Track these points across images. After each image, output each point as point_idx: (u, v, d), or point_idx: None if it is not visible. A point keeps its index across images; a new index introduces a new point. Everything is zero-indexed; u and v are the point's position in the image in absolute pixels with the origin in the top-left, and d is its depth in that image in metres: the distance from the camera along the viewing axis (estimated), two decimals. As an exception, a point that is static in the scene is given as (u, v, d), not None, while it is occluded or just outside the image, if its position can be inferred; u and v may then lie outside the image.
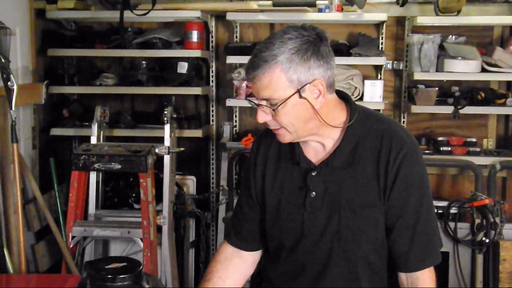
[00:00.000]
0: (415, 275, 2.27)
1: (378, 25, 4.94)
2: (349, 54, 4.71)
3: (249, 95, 2.03)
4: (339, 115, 2.28)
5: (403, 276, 2.30)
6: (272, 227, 2.40)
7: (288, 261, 2.38)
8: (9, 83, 3.82)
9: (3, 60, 3.79)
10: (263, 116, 2.20)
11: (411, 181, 2.24)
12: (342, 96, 2.33)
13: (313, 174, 2.28)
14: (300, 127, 2.21)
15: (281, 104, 2.14)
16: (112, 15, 4.94)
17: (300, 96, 2.14)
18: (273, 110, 2.16)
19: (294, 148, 2.33)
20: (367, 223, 2.25)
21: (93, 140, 4.50)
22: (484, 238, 4.37)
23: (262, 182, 2.40)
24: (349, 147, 2.26)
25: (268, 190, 2.38)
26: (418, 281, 2.27)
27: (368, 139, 2.26)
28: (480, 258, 4.44)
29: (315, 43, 2.13)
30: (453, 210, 4.49)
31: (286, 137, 2.24)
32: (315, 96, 2.17)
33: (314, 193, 2.28)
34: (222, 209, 4.89)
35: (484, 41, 4.93)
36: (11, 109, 3.86)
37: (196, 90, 4.93)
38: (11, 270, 3.82)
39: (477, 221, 4.40)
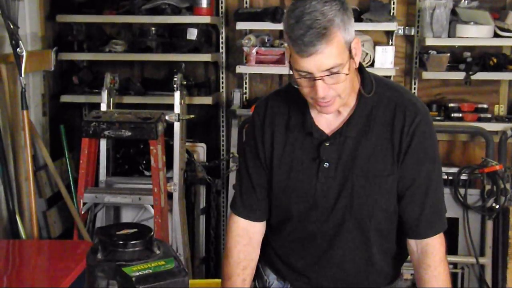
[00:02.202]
0: (425, 242, 2.27)
1: (389, -10, 4.90)
2: (360, 20, 4.68)
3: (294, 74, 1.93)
4: (356, 81, 2.25)
5: (412, 243, 2.30)
6: (280, 198, 2.36)
7: (296, 232, 2.35)
8: (18, 49, 3.82)
9: (12, 26, 3.79)
10: (325, 89, 2.09)
11: (424, 149, 2.23)
12: None
13: (327, 144, 2.24)
14: (349, 92, 2.17)
15: (344, 68, 2.07)
16: (121, -19, 4.92)
17: (351, 57, 2.10)
18: (335, 79, 2.07)
19: (305, 118, 2.28)
20: (381, 192, 2.24)
21: (103, 107, 4.49)
22: (494, 204, 4.37)
23: (271, 151, 2.34)
24: (363, 116, 2.23)
25: (277, 160, 2.32)
26: (428, 247, 2.27)
27: (381, 107, 2.24)
28: (489, 224, 4.45)
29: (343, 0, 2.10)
30: (464, 176, 4.49)
31: (335, 106, 2.17)
32: (355, 53, 2.13)
33: (327, 163, 2.24)
34: (232, 176, 4.90)
35: (497, 6, 4.87)
36: (21, 75, 3.87)
37: (206, 57, 4.91)
38: (23, 236, 3.85)
39: (487, 187, 4.40)
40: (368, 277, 2.37)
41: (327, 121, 2.27)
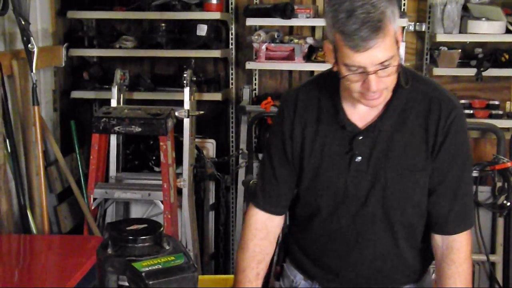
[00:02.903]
0: (452, 238, 2.26)
1: (400, -14, 4.88)
2: (370, 16, 4.66)
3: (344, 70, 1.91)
4: None
5: (438, 238, 2.29)
6: (309, 192, 2.33)
7: (324, 227, 2.33)
8: (29, 45, 3.83)
9: (23, 22, 3.80)
10: (378, 83, 2.05)
11: (458, 144, 2.21)
12: None
13: (360, 138, 2.21)
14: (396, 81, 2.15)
15: (395, 60, 2.05)
16: (131, -23, 4.93)
17: (397, 46, 2.08)
18: (387, 72, 2.05)
19: (337, 111, 2.24)
20: (414, 187, 2.22)
21: (113, 103, 4.50)
22: (505, 202, 4.35)
23: (301, 145, 2.30)
24: (398, 109, 2.20)
25: (307, 154, 2.28)
26: (455, 243, 2.26)
27: (416, 101, 2.22)
28: (500, 221, 4.43)
29: None
30: (475, 173, 4.46)
31: (382, 99, 2.14)
32: (399, 45, 2.11)
33: (359, 157, 2.21)
34: (241, 172, 4.90)
35: (509, 1, 4.83)
36: (32, 71, 3.88)
37: (216, 53, 4.91)
38: (34, 231, 3.87)
39: (499, 184, 4.37)
40: (397, 273, 2.35)
41: (360, 114, 2.23)
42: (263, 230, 2.43)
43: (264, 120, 4.90)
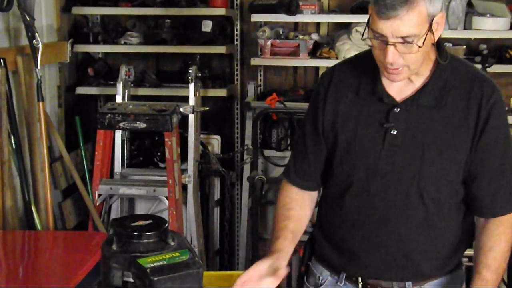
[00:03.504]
0: (499, 220, 2.26)
1: (405, -18, 4.86)
2: (375, 12, 4.66)
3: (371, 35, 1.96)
4: (432, 53, 2.22)
5: (484, 220, 2.29)
6: (342, 166, 2.31)
7: (354, 204, 2.31)
8: (34, 41, 3.83)
9: (27, 18, 3.80)
10: (395, 55, 2.07)
11: (500, 126, 2.23)
12: None
13: (396, 110, 2.22)
14: (420, 63, 2.16)
15: (420, 40, 2.05)
16: (136, -27, 4.92)
17: (430, 31, 2.08)
18: (407, 49, 2.07)
19: (376, 84, 2.25)
20: (451, 165, 2.21)
21: (118, 99, 4.50)
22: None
23: (334, 117, 2.30)
24: (437, 87, 2.21)
25: (341, 125, 2.29)
26: (501, 223, 2.26)
27: (457, 80, 2.23)
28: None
29: None
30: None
31: (403, 76, 2.16)
32: (435, 29, 2.11)
33: (395, 130, 2.21)
34: (246, 168, 4.90)
35: (514, -2, 4.85)
36: (37, 67, 3.89)
37: (221, 49, 4.91)
38: (39, 227, 3.87)
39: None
40: (425, 260, 2.30)
41: (398, 88, 2.24)
42: (297, 202, 2.43)
43: (269, 116, 4.91)
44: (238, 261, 5.09)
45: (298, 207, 2.43)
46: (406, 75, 2.16)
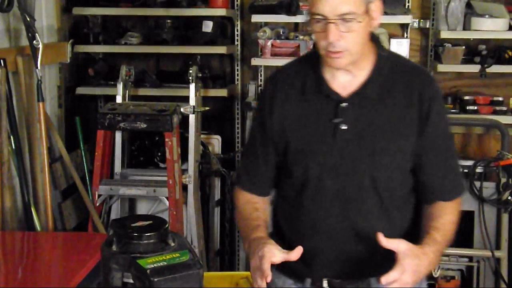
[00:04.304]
0: (445, 205, 2.32)
1: (405, -17, 4.88)
2: (375, 13, 4.67)
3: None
4: (371, 46, 2.31)
5: (430, 207, 2.33)
6: (296, 165, 2.34)
7: (312, 202, 2.33)
8: (34, 41, 3.83)
9: (28, 19, 3.80)
10: (336, 34, 2.14)
11: (441, 114, 2.31)
12: None
13: (344, 105, 2.27)
14: (361, 49, 2.22)
15: (357, 20, 2.13)
16: (136, -26, 4.93)
17: (368, 15, 2.17)
18: (347, 27, 2.14)
19: (321, 81, 2.30)
20: (400, 154, 2.27)
21: (119, 99, 4.50)
22: (509, 198, 4.36)
23: (282, 119, 2.34)
24: (380, 79, 2.28)
25: (291, 126, 2.33)
26: (447, 208, 2.31)
27: (398, 73, 2.31)
28: (505, 217, 4.43)
29: None
30: (479, 169, 4.47)
31: (345, 60, 2.21)
32: (373, 16, 2.20)
33: (345, 125, 2.25)
34: (247, 168, 4.89)
35: (513, -2, 4.86)
36: (37, 68, 3.88)
37: (221, 49, 4.92)
38: (38, 227, 3.87)
39: (503, 180, 4.38)
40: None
41: (342, 84, 2.30)
42: (253, 204, 2.44)
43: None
44: (238, 262, 5.09)
45: (261, 204, 2.46)
46: (347, 60, 2.21)
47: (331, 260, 2.34)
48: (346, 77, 2.29)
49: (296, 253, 2.14)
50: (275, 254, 2.12)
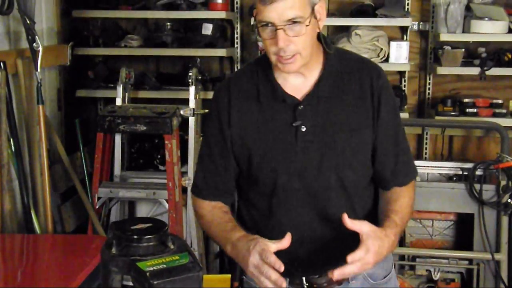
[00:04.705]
0: (400, 189, 2.38)
1: (404, -14, 4.88)
2: (374, 15, 4.68)
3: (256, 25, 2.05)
4: (319, 46, 2.33)
5: (387, 193, 2.39)
6: (262, 171, 2.34)
7: (283, 207, 2.34)
8: (34, 44, 3.84)
9: (28, 22, 3.81)
10: (286, 39, 2.15)
11: (391, 103, 2.36)
12: None
13: (300, 108, 2.28)
14: (311, 51, 2.24)
15: (305, 23, 2.15)
16: (136, -24, 4.93)
17: (314, 16, 2.19)
18: (296, 31, 2.15)
19: (274, 87, 2.32)
20: (361, 147, 2.31)
21: (118, 102, 4.51)
22: (509, 200, 4.35)
23: (241, 129, 2.34)
24: (331, 77, 2.30)
25: (251, 135, 2.33)
26: (403, 192, 2.38)
27: (347, 67, 2.34)
28: (505, 220, 4.42)
29: None
30: (479, 172, 4.47)
31: (296, 65, 2.22)
32: (319, 18, 2.22)
33: (304, 127, 2.28)
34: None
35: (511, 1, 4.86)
36: (37, 70, 3.89)
37: (221, 52, 4.92)
38: (38, 230, 3.87)
39: (503, 183, 4.37)
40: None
41: (295, 86, 2.32)
42: (221, 209, 2.45)
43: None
44: (238, 264, 5.08)
45: (226, 209, 2.47)
46: (299, 64, 2.23)
47: (307, 260, 2.35)
48: (298, 80, 2.31)
49: (287, 240, 2.14)
50: (270, 246, 2.11)
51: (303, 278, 2.36)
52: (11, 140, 3.76)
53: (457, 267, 4.58)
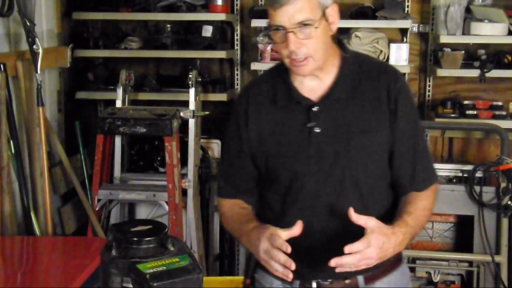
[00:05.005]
0: (418, 193, 2.37)
1: (404, -12, 4.89)
2: (374, 17, 4.68)
3: (266, 29, 2.10)
4: (335, 50, 2.36)
5: (404, 198, 2.38)
6: (277, 174, 2.38)
7: (297, 208, 2.36)
8: (34, 46, 3.84)
9: (28, 23, 3.81)
10: (296, 42, 2.19)
11: (409, 107, 2.37)
12: None
13: (315, 109, 2.31)
14: (324, 54, 2.27)
15: (315, 25, 2.18)
16: (136, -22, 4.93)
17: (326, 19, 2.22)
18: (306, 34, 2.18)
19: (290, 89, 2.36)
20: (376, 150, 2.32)
21: (118, 104, 4.51)
22: (509, 202, 4.35)
23: (259, 132, 2.39)
24: (347, 79, 2.33)
25: (268, 137, 2.37)
26: (421, 195, 2.37)
27: (365, 71, 2.36)
28: (505, 222, 4.42)
29: None
30: (479, 174, 4.47)
31: (309, 67, 2.26)
32: (331, 20, 2.25)
33: (318, 128, 2.30)
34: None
35: (511, 3, 4.86)
36: (37, 72, 3.89)
37: (221, 54, 4.92)
38: (38, 232, 3.87)
39: (503, 185, 4.37)
40: None
41: (311, 89, 2.36)
42: (239, 205, 2.49)
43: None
44: (238, 266, 5.09)
45: (246, 205, 2.50)
46: (312, 66, 2.27)
47: (318, 262, 2.34)
48: (314, 82, 2.35)
49: (298, 228, 2.17)
50: (280, 233, 2.15)
51: (314, 282, 2.38)
52: (11, 142, 3.76)
53: (457, 269, 4.58)
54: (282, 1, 2.16)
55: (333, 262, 2.09)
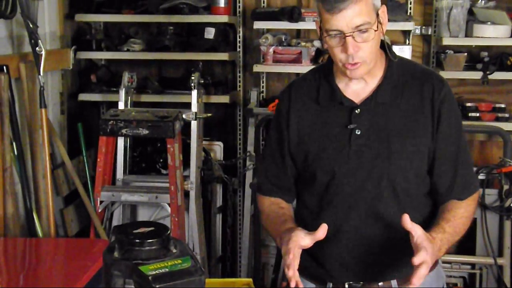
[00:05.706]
0: (457, 202, 2.36)
1: (407, -10, 4.89)
2: (377, 19, 4.67)
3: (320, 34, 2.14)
4: (382, 53, 2.37)
5: (443, 206, 2.37)
6: (315, 173, 2.38)
7: (332, 210, 2.36)
8: (37, 48, 3.84)
9: (31, 26, 3.81)
10: (355, 46, 2.19)
11: (453, 115, 2.36)
12: None
13: (357, 111, 2.32)
14: (376, 57, 2.28)
15: (372, 28, 2.19)
16: (139, -19, 4.93)
17: (379, 22, 2.23)
18: (364, 37, 2.19)
19: (333, 90, 2.36)
20: (416, 155, 2.31)
21: (121, 106, 4.51)
22: (512, 205, 4.35)
23: (299, 131, 2.41)
24: (392, 84, 2.33)
25: (308, 136, 2.39)
26: (460, 203, 2.36)
27: (409, 77, 2.36)
28: (508, 224, 4.42)
29: None
30: (481, 176, 4.47)
31: (362, 70, 2.27)
32: (382, 22, 2.25)
33: (359, 130, 2.31)
34: (249, 175, 4.90)
35: (514, 6, 4.86)
36: (40, 74, 3.89)
37: (223, 56, 4.92)
38: (40, 234, 3.87)
39: (506, 187, 4.37)
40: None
41: (355, 91, 2.36)
42: (278, 204, 2.51)
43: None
44: (240, 268, 5.09)
45: (285, 204, 2.53)
46: (365, 69, 2.27)
47: (352, 264, 2.37)
48: (359, 85, 2.36)
49: (322, 231, 2.17)
50: (302, 237, 2.16)
51: (346, 284, 2.39)
52: (14, 143, 3.76)
53: (459, 272, 4.58)
54: (341, 6, 2.15)
55: (415, 280, 2.06)
